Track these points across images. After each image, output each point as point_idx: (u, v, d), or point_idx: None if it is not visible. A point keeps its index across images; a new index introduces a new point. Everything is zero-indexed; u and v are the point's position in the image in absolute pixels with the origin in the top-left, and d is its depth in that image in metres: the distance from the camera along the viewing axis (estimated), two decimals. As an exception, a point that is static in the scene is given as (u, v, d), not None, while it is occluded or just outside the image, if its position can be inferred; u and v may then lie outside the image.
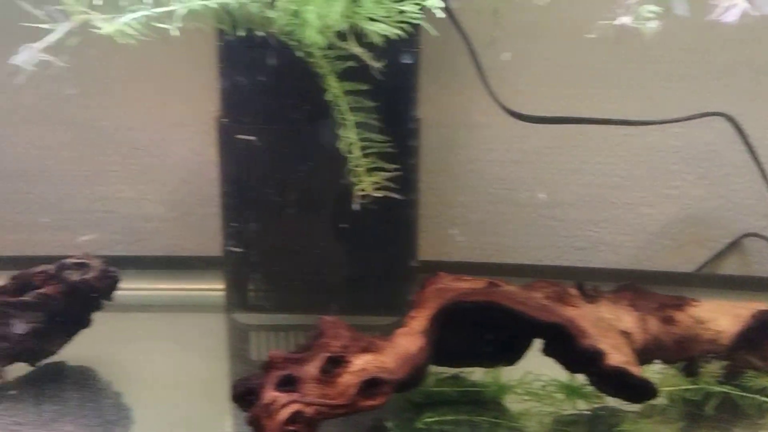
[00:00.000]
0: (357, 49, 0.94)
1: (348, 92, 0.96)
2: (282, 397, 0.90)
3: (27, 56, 0.79)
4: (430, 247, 1.47)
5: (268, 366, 0.94)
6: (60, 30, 0.79)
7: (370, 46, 0.95)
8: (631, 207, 1.54)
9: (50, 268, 1.13)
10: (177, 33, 0.79)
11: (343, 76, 0.97)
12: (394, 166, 1.00)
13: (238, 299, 1.34)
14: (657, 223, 1.54)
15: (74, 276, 1.13)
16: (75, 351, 1.16)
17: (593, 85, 1.48)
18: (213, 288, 1.46)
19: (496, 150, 1.53)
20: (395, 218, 1.28)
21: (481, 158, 1.54)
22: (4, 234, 1.53)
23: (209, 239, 1.62)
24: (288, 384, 0.91)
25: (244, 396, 0.95)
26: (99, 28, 0.78)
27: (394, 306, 1.33)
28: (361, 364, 0.93)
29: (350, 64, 0.96)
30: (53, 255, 1.56)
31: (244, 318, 1.33)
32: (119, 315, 1.19)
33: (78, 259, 1.15)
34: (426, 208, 1.43)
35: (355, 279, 1.30)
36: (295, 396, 0.90)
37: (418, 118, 1.29)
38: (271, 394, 0.90)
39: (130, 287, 1.20)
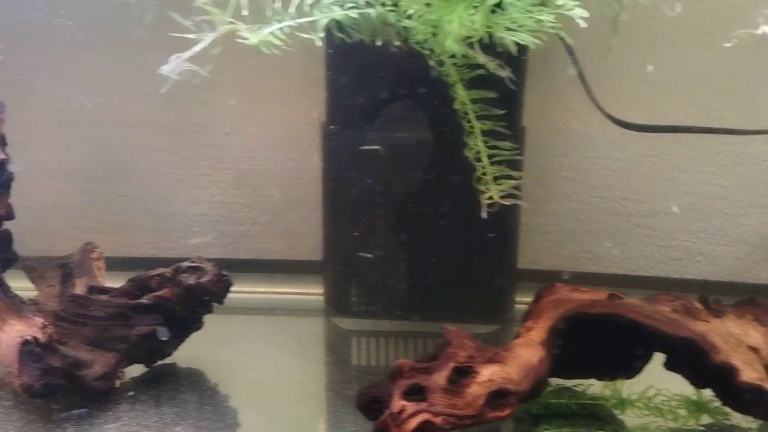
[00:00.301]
0: (483, 58, 0.93)
1: (474, 100, 0.95)
2: (410, 406, 0.90)
3: (173, 65, 0.80)
4: (521, 255, 1.46)
5: (395, 375, 0.94)
6: (205, 40, 0.80)
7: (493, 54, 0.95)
8: (731, 217, 1.50)
9: (167, 271, 1.15)
10: (320, 43, 0.80)
11: (470, 84, 0.97)
12: (519, 173, 0.99)
13: (338, 304, 1.35)
14: (757, 234, 1.50)
15: (190, 279, 1.14)
16: (183, 352, 1.18)
17: (695, 92, 1.45)
18: (307, 292, 1.47)
19: (591, 158, 1.52)
20: (498, 226, 1.28)
21: (576, 166, 1.52)
22: (101, 235, 1.55)
23: (299, 243, 1.65)
24: (415, 393, 0.92)
25: (369, 404, 0.95)
26: (245, 39, 0.79)
27: (495, 314, 1.33)
28: (488, 374, 0.93)
29: (479, 72, 0.95)
30: (148, 257, 1.60)
31: (344, 323, 1.34)
32: (219, 317, 1.20)
33: (193, 262, 1.17)
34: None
35: (457, 286, 1.29)
36: (423, 405, 0.90)
37: (523, 126, 1.29)
38: (399, 403, 0.91)
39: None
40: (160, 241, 1.62)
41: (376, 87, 1.17)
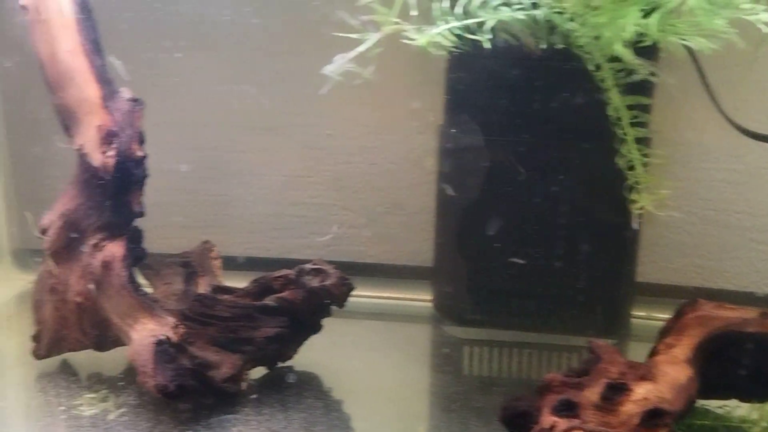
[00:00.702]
0: (637, 63, 0.90)
1: (629, 107, 0.92)
2: (562, 422, 0.87)
3: (337, 65, 0.78)
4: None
5: (544, 389, 0.91)
6: (370, 40, 0.78)
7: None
8: None
9: (290, 273, 1.13)
10: (488, 45, 0.77)
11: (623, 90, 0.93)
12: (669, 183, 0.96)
13: (450, 311, 1.32)
14: None
15: (313, 282, 1.12)
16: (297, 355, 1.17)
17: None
18: (411, 297, 1.45)
19: (707, 169, 1.47)
20: (619, 237, 1.24)
21: (690, 177, 1.47)
22: (200, 234, 1.55)
23: (396, 247, 1.63)
24: (567, 409, 0.88)
25: (515, 419, 0.92)
26: (411, 40, 0.77)
27: (612, 327, 1.29)
28: (643, 393, 0.89)
29: (635, 78, 0.92)
30: (245, 257, 1.57)
31: (456, 331, 1.31)
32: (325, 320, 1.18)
33: (315, 265, 1.15)
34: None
35: (575, 297, 1.26)
36: (575, 422, 0.87)
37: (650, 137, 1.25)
38: (550, 419, 0.87)
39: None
40: (258, 241, 1.61)
41: (502, 91, 1.14)
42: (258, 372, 1.14)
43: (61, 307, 1.08)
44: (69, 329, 1.10)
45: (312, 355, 1.18)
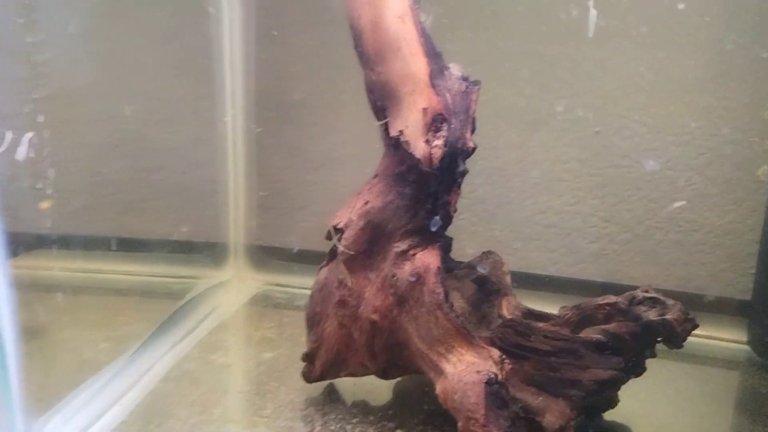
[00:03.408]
0: None
1: None
2: None
3: None
4: None
5: None
6: None
7: None
8: None
9: (618, 300, 0.92)
10: None
11: None
12: None
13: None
14: None
15: (650, 314, 0.91)
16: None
17: None
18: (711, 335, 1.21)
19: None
20: None
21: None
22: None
23: (665, 271, 1.40)
24: None
25: None
26: None
27: None
28: None
29: None
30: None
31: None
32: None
33: (646, 292, 0.94)
34: None
35: None
36: None
37: None
38: None
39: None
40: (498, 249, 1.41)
41: None
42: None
43: (349, 324, 0.91)
44: (354, 351, 0.92)
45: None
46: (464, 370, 0.82)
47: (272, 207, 1.43)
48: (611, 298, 0.93)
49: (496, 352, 0.83)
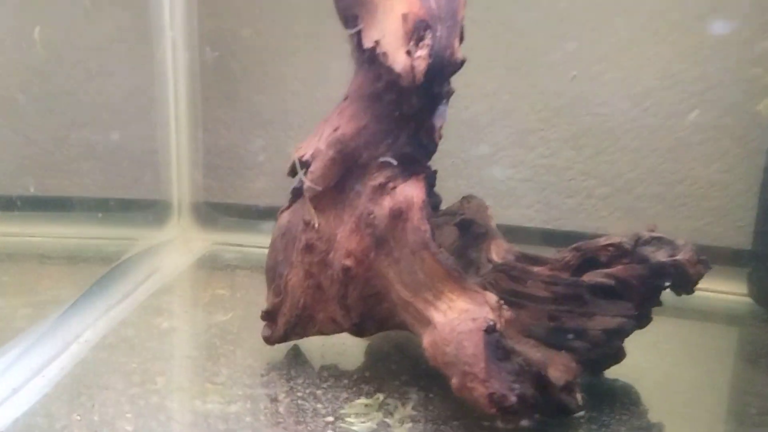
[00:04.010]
0: None
1: None
2: None
3: None
4: None
5: None
6: None
7: None
8: None
9: (623, 240, 0.82)
10: None
11: None
12: None
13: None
14: None
15: (658, 255, 0.81)
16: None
17: None
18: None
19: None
20: None
21: None
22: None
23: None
24: None
25: None
26: None
27: None
28: None
29: None
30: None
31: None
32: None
33: (652, 231, 0.84)
34: None
35: None
36: None
37: None
38: None
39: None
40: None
41: None
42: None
43: (318, 272, 0.78)
44: (324, 304, 0.79)
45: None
46: (456, 318, 0.70)
47: (219, 164, 1.29)
48: (614, 238, 0.82)
49: (492, 297, 0.71)
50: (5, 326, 0.85)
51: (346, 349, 0.86)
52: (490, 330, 0.68)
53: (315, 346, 0.85)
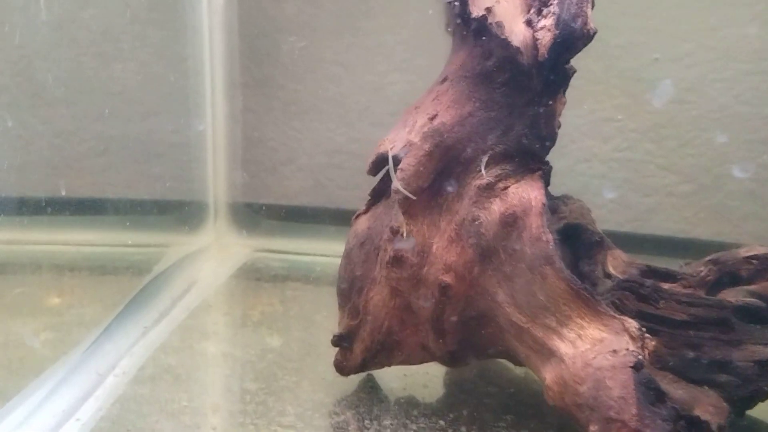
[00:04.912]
0: None
1: None
2: None
3: None
4: None
5: None
6: None
7: None
8: None
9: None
10: None
11: None
12: None
13: None
14: None
15: None
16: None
17: None
18: None
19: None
20: None
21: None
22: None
23: (731, 226, 1.18)
24: None
25: None
26: None
27: None
28: None
29: None
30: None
31: None
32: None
33: None
34: None
35: None
36: None
37: None
38: None
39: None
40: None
41: None
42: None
43: (407, 290, 0.64)
44: (413, 328, 0.66)
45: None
46: (590, 350, 0.57)
47: (259, 159, 1.14)
48: (758, 249, 0.69)
49: (632, 323, 0.58)
50: (27, 356, 0.71)
51: (429, 380, 0.72)
52: (638, 367, 0.55)
53: (392, 376, 0.72)
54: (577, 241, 0.73)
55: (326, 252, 1.03)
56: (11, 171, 0.99)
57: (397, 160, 0.63)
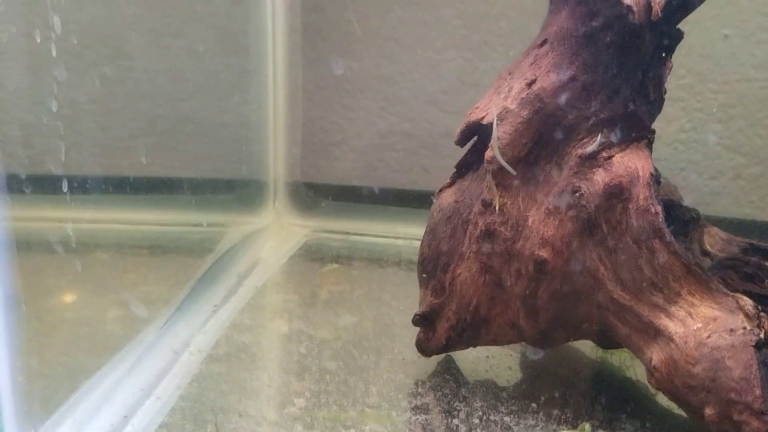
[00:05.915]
0: None
1: None
2: None
3: None
4: None
5: None
6: None
7: None
8: None
9: None
10: None
11: None
12: None
13: None
14: None
15: None
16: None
17: None
18: None
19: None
20: None
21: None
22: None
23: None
24: None
25: None
26: None
27: None
28: None
29: None
30: None
31: None
32: None
33: None
34: None
35: None
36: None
37: None
38: None
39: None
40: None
41: None
42: None
43: (499, 266, 0.61)
44: (503, 306, 0.63)
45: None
46: (704, 329, 0.54)
47: (319, 139, 1.11)
48: None
49: (747, 301, 0.54)
50: (102, 333, 0.69)
51: (513, 362, 0.70)
52: (760, 345, 0.52)
53: (471, 357, 0.69)
54: (670, 218, 0.70)
55: (386, 233, 1.01)
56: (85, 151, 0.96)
57: (490, 129, 0.60)
